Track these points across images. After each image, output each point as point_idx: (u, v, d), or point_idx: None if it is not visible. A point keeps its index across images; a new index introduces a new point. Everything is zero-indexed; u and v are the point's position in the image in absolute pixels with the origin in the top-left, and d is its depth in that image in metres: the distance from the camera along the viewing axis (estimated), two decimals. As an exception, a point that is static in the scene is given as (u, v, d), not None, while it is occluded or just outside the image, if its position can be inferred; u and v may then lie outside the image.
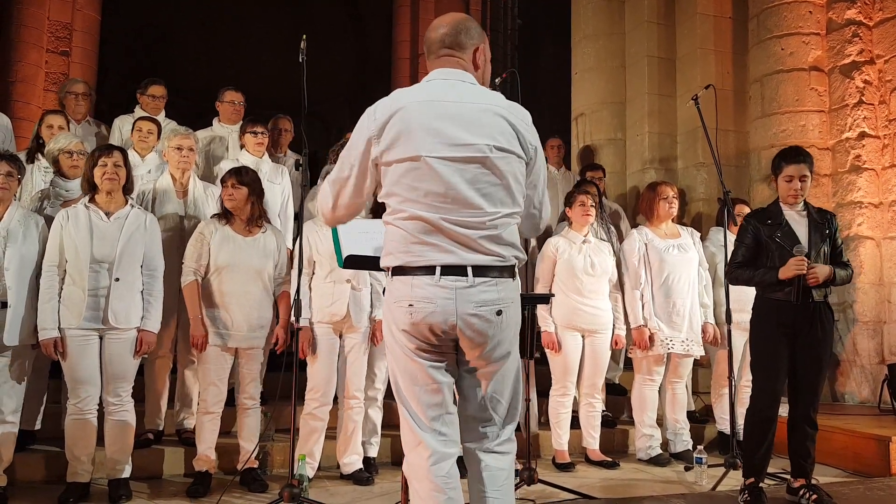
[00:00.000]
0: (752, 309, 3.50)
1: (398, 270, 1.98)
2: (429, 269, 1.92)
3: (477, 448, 2.06)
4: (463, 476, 2.03)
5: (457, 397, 2.11)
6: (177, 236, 3.97)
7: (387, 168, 1.99)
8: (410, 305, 1.93)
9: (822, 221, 3.41)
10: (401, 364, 2.02)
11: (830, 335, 3.40)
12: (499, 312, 1.95)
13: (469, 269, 1.92)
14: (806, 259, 3.25)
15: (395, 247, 1.98)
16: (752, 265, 3.41)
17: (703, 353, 4.62)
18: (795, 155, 3.43)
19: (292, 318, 3.48)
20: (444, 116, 1.94)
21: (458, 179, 1.92)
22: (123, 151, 3.58)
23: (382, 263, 2.05)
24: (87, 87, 5.43)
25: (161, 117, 5.08)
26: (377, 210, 4.16)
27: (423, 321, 1.93)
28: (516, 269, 2.02)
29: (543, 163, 2.13)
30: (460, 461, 2.04)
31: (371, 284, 3.89)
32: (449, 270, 1.92)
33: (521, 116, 2.05)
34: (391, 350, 2.04)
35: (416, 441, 2.00)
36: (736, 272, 3.47)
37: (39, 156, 4.31)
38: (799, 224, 3.39)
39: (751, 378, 3.59)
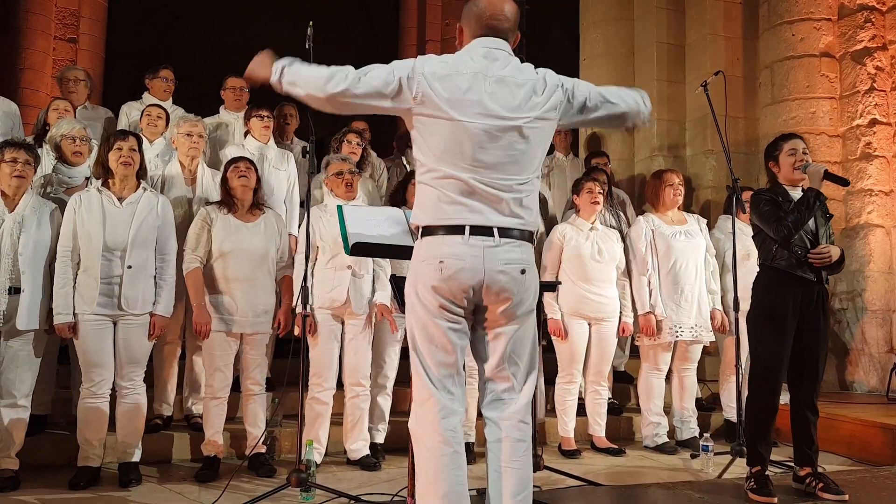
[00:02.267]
0: (756, 285, 3.42)
1: (427, 231, 2.09)
2: (458, 229, 2.04)
3: (497, 417, 2.14)
4: (469, 462, 2.05)
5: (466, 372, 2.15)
6: (185, 223, 3.98)
7: (425, 127, 2.08)
8: (441, 262, 2.04)
9: (822, 207, 3.42)
10: (420, 322, 2.10)
11: (829, 319, 3.41)
12: (523, 271, 2.09)
13: (495, 230, 2.05)
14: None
15: (427, 205, 2.10)
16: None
17: (712, 339, 4.61)
18: (791, 134, 3.54)
19: (298, 305, 3.49)
20: (487, 87, 2.07)
21: (494, 144, 2.06)
22: (138, 137, 3.62)
23: (412, 222, 2.16)
24: (84, 72, 5.42)
25: (168, 104, 5.08)
26: (395, 199, 4.16)
27: (452, 276, 2.03)
28: (534, 237, 2.15)
29: (580, 83, 2.22)
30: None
31: (374, 271, 3.90)
32: (476, 230, 2.04)
33: (552, 80, 2.17)
34: (412, 309, 2.12)
35: (427, 395, 2.09)
36: (784, 222, 3.23)
37: (45, 141, 4.32)
38: None
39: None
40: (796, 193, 3.37)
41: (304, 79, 2.15)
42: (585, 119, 2.25)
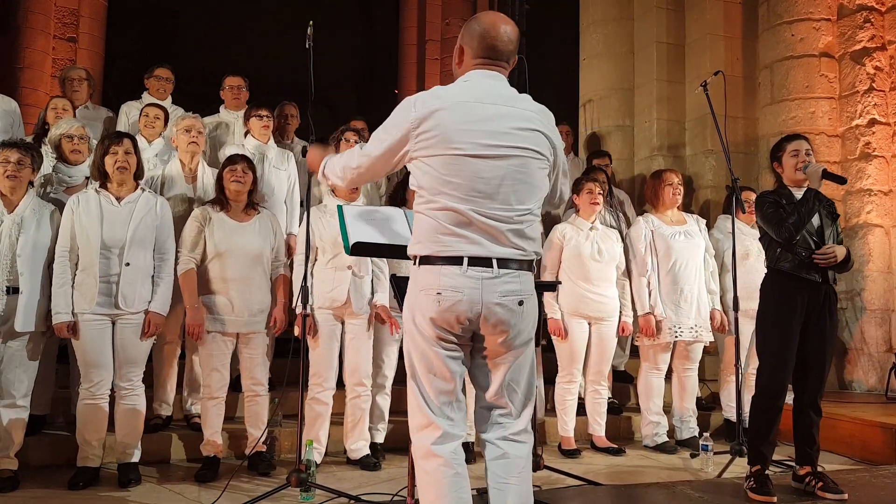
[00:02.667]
0: (763, 287, 3.43)
1: (425, 260, 2.06)
2: (456, 260, 2.01)
3: (495, 437, 2.13)
4: (469, 462, 2.05)
5: (467, 389, 2.13)
6: (186, 222, 3.97)
7: (422, 160, 2.06)
8: (438, 294, 2.01)
9: (828, 207, 3.43)
10: (419, 350, 2.08)
11: (837, 320, 3.41)
12: (521, 303, 2.05)
13: (494, 262, 2.01)
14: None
15: (425, 236, 2.06)
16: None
17: (712, 339, 4.61)
18: (794, 135, 3.55)
19: (298, 304, 3.49)
20: (482, 118, 2.04)
21: (491, 175, 2.03)
22: (133, 138, 3.59)
23: (410, 251, 2.12)
24: (86, 72, 5.42)
25: (167, 103, 5.08)
26: (395, 199, 4.16)
27: (450, 309, 2.00)
28: (534, 264, 2.12)
29: (563, 155, 2.26)
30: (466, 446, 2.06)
31: (373, 271, 3.90)
32: (475, 262, 2.01)
33: (548, 120, 2.17)
34: (410, 335, 2.10)
35: (426, 422, 2.07)
36: (785, 224, 3.26)
37: (45, 141, 4.32)
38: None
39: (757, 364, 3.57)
40: (800, 194, 3.37)
41: (332, 172, 2.34)
42: None
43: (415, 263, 2.10)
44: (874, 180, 5.47)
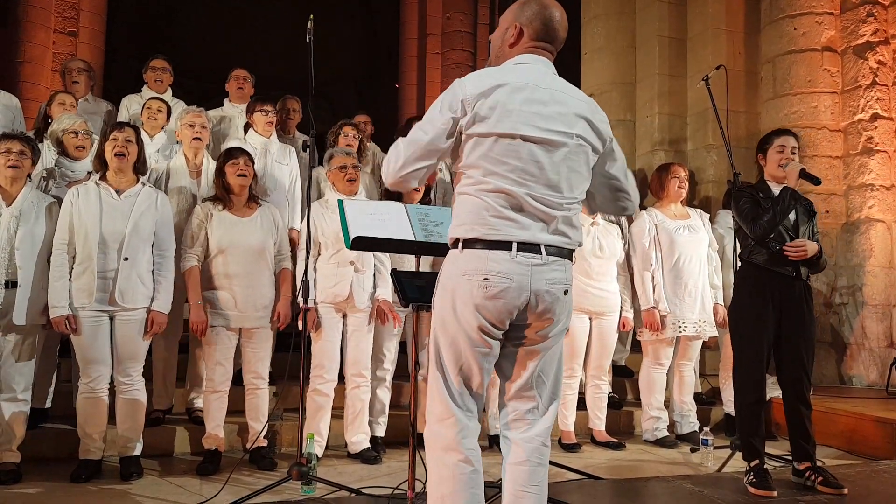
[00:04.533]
0: (736, 280, 3.46)
1: (469, 243, 1.98)
2: (505, 245, 1.95)
3: (520, 438, 2.07)
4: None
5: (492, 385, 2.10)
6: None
7: (475, 140, 1.99)
8: (486, 279, 1.94)
9: (805, 204, 3.45)
10: (450, 339, 2.01)
11: (813, 315, 3.42)
12: (566, 292, 2.03)
13: (542, 248, 1.97)
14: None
15: (471, 218, 1.99)
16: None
17: (715, 335, 4.62)
18: (783, 130, 3.59)
19: (300, 299, 3.49)
20: (539, 101, 2.00)
21: (546, 160, 1.98)
22: (136, 129, 3.58)
23: (451, 234, 2.05)
24: (85, 63, 5.42)
25: (168, 96, 5.08)
26: (392, 194, 4.16)
27: (497, 295, 1.94)
28: (573, 255, 2.09)
29: (619, 148, 2.21)
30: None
31: (375, 265, 3.90)
32: (524, 247, 1.96)
33: (600, 114, 2.14)
34: (443, 323, 2.02)
35: (446, 413, 2.02)
36: (760, 222, 3.29)
37: (46, 135, 4.31)
38: None
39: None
40: (778, 190, 3.40)
41: (385, 175, 2.13)
42: (598, 180, 2.16)
43: (455, 247, 2.03)
44: (876, 175, 5.46)
